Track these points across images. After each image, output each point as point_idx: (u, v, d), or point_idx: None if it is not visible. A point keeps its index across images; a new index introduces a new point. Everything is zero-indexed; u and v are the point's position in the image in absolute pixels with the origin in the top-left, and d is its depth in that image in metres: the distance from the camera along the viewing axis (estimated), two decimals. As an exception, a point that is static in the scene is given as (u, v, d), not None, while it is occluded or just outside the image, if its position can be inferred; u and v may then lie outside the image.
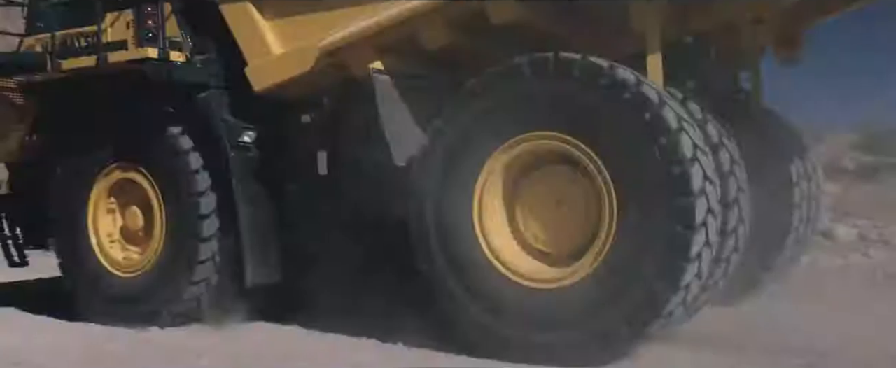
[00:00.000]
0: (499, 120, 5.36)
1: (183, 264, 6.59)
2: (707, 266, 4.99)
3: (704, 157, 4.93)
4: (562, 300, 5.17)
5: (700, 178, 4.84)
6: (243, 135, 6.55)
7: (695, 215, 4.79)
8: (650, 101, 4.91)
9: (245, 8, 6.49)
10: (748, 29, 5.95)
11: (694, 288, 4.99)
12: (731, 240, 5.38)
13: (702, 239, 4.85)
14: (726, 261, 5.43)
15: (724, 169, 5.32)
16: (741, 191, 5.47)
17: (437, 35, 5.76)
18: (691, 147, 4.86)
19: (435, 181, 5.54)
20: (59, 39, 6.91)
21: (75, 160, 7.14)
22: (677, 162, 4.81)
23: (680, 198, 4.79)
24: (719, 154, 5.36)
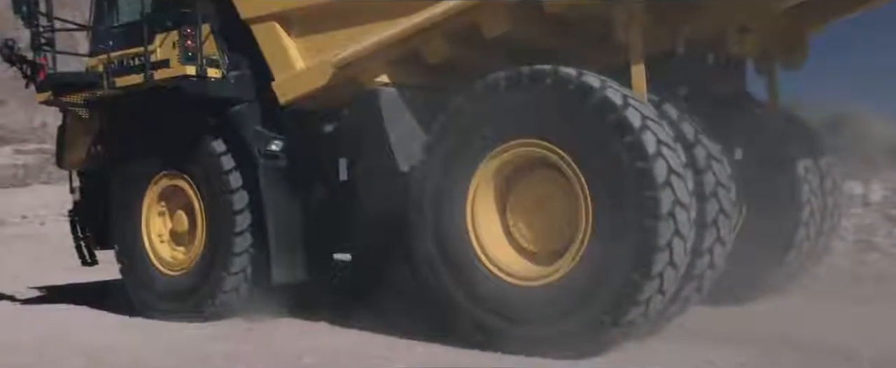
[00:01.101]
0: (484, 129, 5.72)
1: (221, 259, 7.18)
2: (681, 255, 5.20)
3: (670, 152, 5.17)
4: (548, 295, 5.48)
5: (664, 172, 5.08)
6: (271, 144, 7.10)
7: (660, 206, 5.04)
8: (614, 104, 5.20)
9: (272, 27, 7.04)
10: (738, 37, 6.09)
11: (669, 277, 5.20)
12: (712, 232, 5.56)
13: (670, 228, 5.08)
14: (709, 253, 5.61)
15: (699, 165, 5.53)
16: (721, 186, 5.64)
17: (437, 49, 6.17)
18: (655, 143, 5.11)
19: (432, 187, 5.93)
20: (114, 60, 7.63)
21: (130, 168, 7.86)
22: (642, 158, 5.08)
23: (646, 191, 5.06)
24: (694, 150, 5.55)
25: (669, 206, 5.08)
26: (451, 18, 6.00)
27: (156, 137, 7.64)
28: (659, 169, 5.07)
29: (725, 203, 5.68)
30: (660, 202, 5.04)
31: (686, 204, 5.20)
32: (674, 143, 5.29)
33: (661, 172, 5.07)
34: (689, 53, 6.34)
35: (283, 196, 7.09)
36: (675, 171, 5.15)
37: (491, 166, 5.77)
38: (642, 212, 5.07)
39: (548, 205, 5.71)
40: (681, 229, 5.15)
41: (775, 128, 7.23)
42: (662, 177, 5.07)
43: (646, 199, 5.06)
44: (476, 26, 5.97)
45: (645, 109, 5.31)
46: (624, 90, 5.39)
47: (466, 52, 6.17)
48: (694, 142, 5.60)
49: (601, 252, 5.25)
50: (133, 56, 7.54)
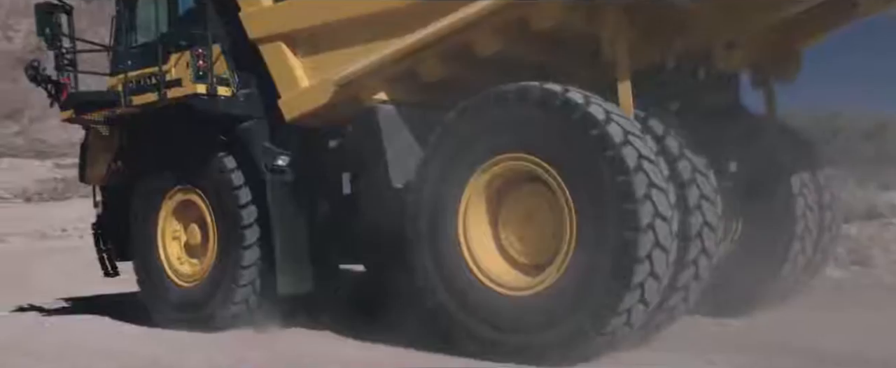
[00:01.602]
0: (476, 144, 5.92)
1: (231, 271, 7.45)
2: (662, 267, 5.35)
3: (651, 167, 5.33)
4: (536, 305, 5.66)
5: (644, 185, 5.25)
6: (278, 159, 7.37)
7: (640, 218, 5.20)
8: (597, 119, 5.38)
9: (279, 47, 7.32)
10: (725, 52, 6.22)
11: (650, 288, 5.35)
12: (696, 244, 5.70)
13: (650, 240, 5.24)
14: (694, 264, 5.74)
15: (683, 178, 5.68)
16: (705, 200, 5.78)
17: (432, 67, 6.40)
18: (635, 157, 5.28)
19: (427, 200, 6.14)
20: (131, 79, 7.96)
21: (147, 183, 8.17)
22: (622, 172, 5.25)
23: (626, 204, 5.23)
24: (678, 164, 5.70)
25: (650, 219, 5.23)
26: (444, 38, 6.21)
27: (170, 153, 7.95)
28: (640, 182, 5.23)
29: (710, 215, 5.81)
30: (639, 214, 5.20)
31: (667, 217, 5.34)
32: (656, 157, 5.44)
33: (641, 186, 5.23)
34: (679, 68, 6.50)
35: (289, 209, 7.34)
36: (656, 185, 5.31)
37: (482, 180, 5.97)
38: (623, 224, 5.24)
39: (536, 218, 5.89)
40: (661, 241, 5.30)
41: (771, 140, 7.32)
42: (642, 191, 5.23)
43: (626, 212, 5.23)
44: (468, 45, 6.18)
45: (627, 124, 5.48)
46: (607, 105, 5.56)
47: (461, 70, 6.37)
48: (679, 155, 5.74)
49: (584, 263, 5.42)
50: (149, 75, 7.86)
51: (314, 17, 7.11)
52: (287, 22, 7.29)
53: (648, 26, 6.01)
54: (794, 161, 7.37)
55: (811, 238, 7.35)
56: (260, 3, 7.48)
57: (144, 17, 8.27)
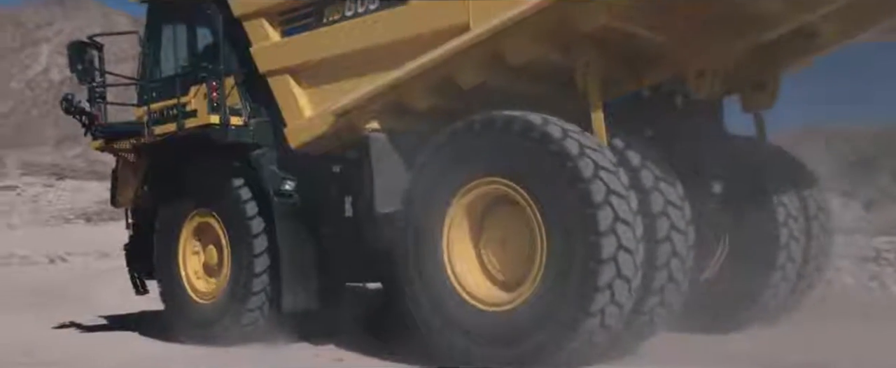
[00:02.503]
0: (458, 168, 6.32)
1: (241, 289, 7.94)
2: (629, 268, 5.69)
3: (608, 175, 5.70)
4: (514, 318, 6.04)
5: (603, 192, 5.63)
6: (285, 184, 7.84)
7: (602, 252, 5.56)
8: (555, 138, 5.79)
9: (286, 79, 7.82)
10: (697, 81, 6.50)
11: (620, 289, 5.68)
12: (665, 248, 6.01)
13: (613, 243, 5.60)
14: (666, 267, 6.05)
15: (646, 186, 6.03)
16: (676, 231, 6.07)
17: (420, 98, 6.83)
18: (592, 167, 5.67)
19: (413, 222, 6.54)
20: (154, 110, 8.55)
21: (169, 207, 8.73)
22: (581, 180, 5.66)
23: (587, 210, 5.61)
24: (640, 174, 6.04)
25: (612, 251, 5.59)
26: (429, 71, 6.63)
27: (189, 179, 8.50)
28: (597, 190, 5.61)
29: (680, 246, 6.10)
30: (599, 219, 5.58)
31: (629, 222, 5.68)
32: (614, 168, 5.81)
33: (599, 193, 5.61)
34: (656, 96, 6.82)
35: (294, 231, 7.80)
36: (615, 191, 5.67)
37: (463, 202, 6.35)
38: (586, 231, 5.62)
39: (513, 237, 6.24)
40: (625, 244, 5.64)
41: (755, 160, 7.57)
42: (601, 198, 5.61)
43: (587, 217, 5.61)
44: (451, 78, 6.58)
45: (585, 140, 5.85)
46: (568, 126, 5.94)
47: (447, 100, 6.78)
48: (640, 166, 6.09)
49: (556, 273, 5.77)
50: (169, 107, 8.44)
51: (315, 52, 7.59)
52: (292, 56, 7.78)
53: (620, 58, 6.35)
54: (776, 176, 7.57)
55: (798, 246, 7.51)
56: (269, 39, 7.98)
57: (166, 53, 8.86)
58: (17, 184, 48.26)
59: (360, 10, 7.32)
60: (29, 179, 48.11)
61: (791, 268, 7.48)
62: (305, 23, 7.74)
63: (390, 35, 7.00)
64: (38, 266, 22.78)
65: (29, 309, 12.20)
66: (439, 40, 6.55)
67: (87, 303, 13.28)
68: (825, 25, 6.46)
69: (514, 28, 6.10)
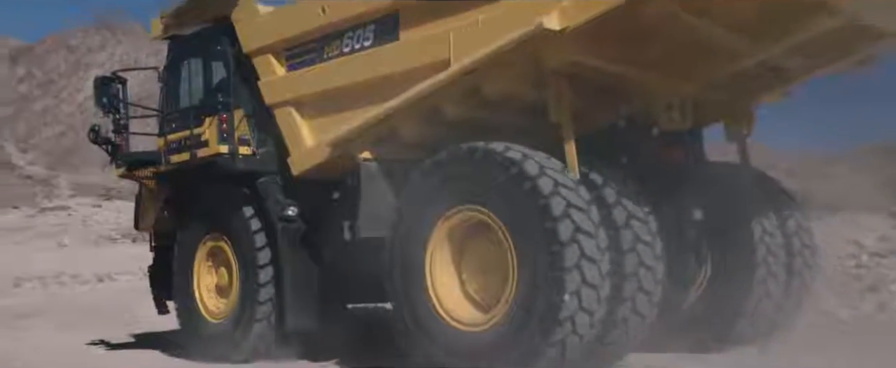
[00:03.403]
0: (438, 197, 6.74)
1: (249, 309, 8.43)
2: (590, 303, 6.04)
3: (579, 214, 6.05)
4: (487, 338, 6.43)
5: (570, 230, 5.97)
6: (288, 209, 8.32)
7: (564, 261, 5.93)
8: (531, 174, 6.17)
9: (289, 111, 8.33)
10: (666, 113, 6.85)
11: (580, 322, 6.05)
12: (632, 283, 6.35)
13: (577, 279, 5.95)
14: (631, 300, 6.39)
15: (618, 223, 6.39)
16: (642, 243, 6.42)
17: (409, 129, 7.28)
18: (563, 206, 6.02)
19: (399, 248, 6.97)
20: (171, 140, 9.13)
21: (185, 231, 9.28)
22: (551, 219, 5.99)
23: (554, 247, 5.97)
24: (613, 211, 6.40)
25: (575, 260, 5.96)
26: (416, 104, 7.07)
27: (202, 205, 9.04)
28: (565, 229, 5.97)
29: (647, 260, 6.43)
30: (564, 258, 5.95)
31: (596, 259, 6.04)
32: (586, 205, 6.17)
33: (566, 232, 5.98)
34: (632, 127, 7.17)
35: (297, 255, 8.28)
36: (582, 230, 6.02)
37: (445, 228, 6.77)
38: (550, 268, 6.00)
39: (489, 261, 6.63)
40: (589, 279, 5.99)
41: (736, 185, 7.85)
42: (568, 236, 5.97)
43: (554, 254, 5.99)
44: (436, 110, 7.02)
45: (558, 177, 6.21)
46: (542, 160, 6.31)
47: (433, 131, 7.20)
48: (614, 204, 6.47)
49: (523, 301, 6.14)
50: (185, 137, 8.99)
51: (316, 85, 8.10)
52: (295, 89, 8.30)
53: (591, 92, 6.73)
54: (757, 199, 7.85)
55: (777, 261, 7.77)
56: (275, 74, 8.51)
57: (183, 87, 9.43)
58: (68, 204, 49.79)
59: (355, 46, 7.81)
60: (79, 200, 49.54)
61: (773, 285, 7.72)
62: (308, 58, 8.26)
63: (382, 70, 7.48)
64: (88, 284, 23.57)
65: (71, 326, 12.87)
66: (425, 75, 6.99)
67: (126, 321, 13.89)
68: (790, 60, 6.77)
69: (489, 64, 6.51)
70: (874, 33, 6.52)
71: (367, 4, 7.64)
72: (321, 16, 8.00)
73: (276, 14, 8.60)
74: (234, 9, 8.81)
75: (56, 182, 51.48)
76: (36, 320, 14.28)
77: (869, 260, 11.16)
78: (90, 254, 32.28)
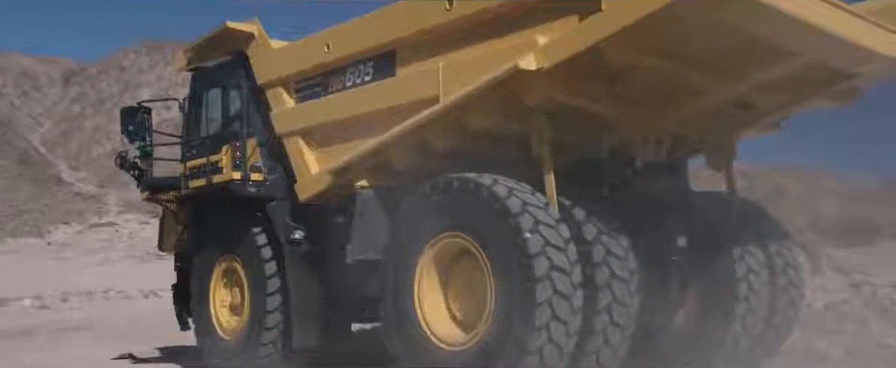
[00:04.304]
0: (424, 225, 7.19)
1: (258, 327, 8.96)
2: (561, 330, 6.41)
3: (548, 230, 6.42)
4: (467, 356, 6.84)
5: (540, 244, 6.35)
6: (295, 233, 8.84)
7: (536, 295, 6.32)
8: (498, 196, 6.57)
9: (297, 140, 8.88)
10: (642, 146, 7.22)
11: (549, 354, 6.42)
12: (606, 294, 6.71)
13: (547, 312, 6.33)
14: (602, 333, 6.75)
15: (588, 238, 6.76)
16: (616, 278, 6.78)
17: (400, 159, 7.75)
18: (532, 222, 6.40)
19: (391, 269, 7.43)
20: (190, 167, 9.73)
21: (203, 252, 9.86)
22: (519, 233, 6.39)
23: (524, 260, 6.35)
24: (583, 229, 6.77)
25: (545, 271, 6.32)
26: (408, 136, 7.54)
27: (218, 228, 9.61)
28: (534, 243, 6.35)
29: (619, 291, 6.79)
30: (535, 268, 6.32)
31: (566, 270, 6.41)
32: (555, 223, 6.55)
33: (536, 245, 6.36)
34: (614, 158, 7.54)
35: (303, 276, 8.79)
36: (552, 244, 6.40)
37: (431, 253, 7.21)
38: (524, 292, 6.39)
39: (472, 284, 7.04)
40: (560, 289, 6.36)
41: (721, 214, 8.16)
42: (537, 250, 6.35)
43: (524, 267, 6.37)
44: (426, 142, 7.48)
45: (527, 198, 6.60)
46: (515, 186, 6.71)
47: (425, 161, 7.66)
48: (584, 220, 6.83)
49: (500, 322, 6.54)
50: (203, 163, 9.59)
51: (321, 117, 8.64)
52: (303, 120, 8.85)
53: (570, 126, 7.13)
54: (743, 231, 8.14)
55: (759, 300, 8.01)
56: (285, 105, 9.07)
57: (203, 116, 10.05)
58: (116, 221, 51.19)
59: (357, 81, 8.34)
60: (127, 216, 50.79)
61: (752, 320, 7.97)
62: (314, 91, 8.81)
63: (380, 104, 7.98)
64: (133, 300, 24.40)
65: (113, 340, 13.46)
66: (417, 109, 7.46)
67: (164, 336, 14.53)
68: (761, 97, 7.11)
69: (473, 100, 6.96)
70: (841, 72, 6.82)
71: (367, 42, 8.16)
72: (326, 52, 8.54)
73: (287, 49, 9.18)
74: (249, 44, 9.42)
75: (105, 199, 52.91)
76: (80, 334, 15.12)
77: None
78: (136, 270, 33.32)
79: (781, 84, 6.91)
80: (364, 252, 7.67)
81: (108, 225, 51.80)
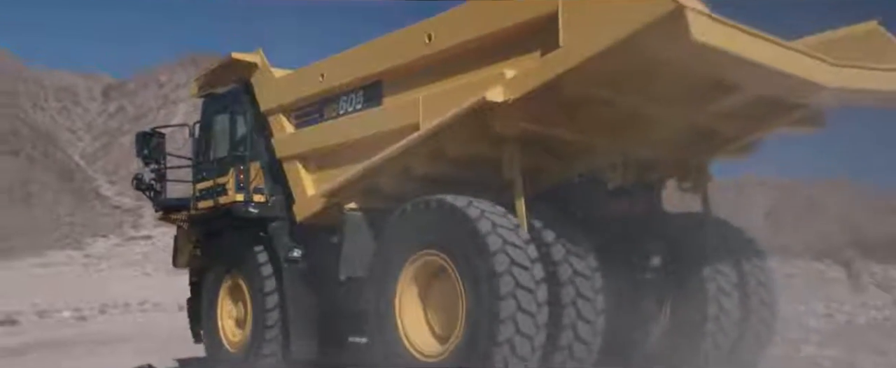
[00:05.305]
0: (404, 244, 7.69)
1: (258, 340, 9.53)
2: (525, 345, 6.83)
3: (514, 250, 6.83)
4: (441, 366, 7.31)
5: (506, 263, 6.77)
6: (293, 251, 9.41)
7: (501, 288, 6.76)
8: (469, 217, 7.03)
9: (295, 164, 9.46)
10: (611, 172, 7.66)
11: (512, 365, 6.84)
12: (568, 333, 7.14)
13: (510, 328, 6.76)
14: (568, 349, 7.20)
15: (555, 258, 7.17)
16: (581, 297, 7.22)
17: (385, 183, 8.28)
18: (500, 242, 6.82)
19: (374, 285, 7.94)
20: (199, 189, 10.35)
21: (212, 269, 10.47)
22: (488, 253, 6.78)
23: (492, 279, 6.78)
24: (550, 249, 7.20)
25: (510, 288, 6.74)
26: (391, 161, 8.06)
27: (224, 246, 10.21)
28: (500, 261, 6.78)
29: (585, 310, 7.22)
30: (500, 286, 6.75)
31: (530, 289, 6.81)
32: (523, 244, 6.96)
33: (502, 263, 6.79)
34: (586, 182, 8.00)
35: (300, 291, 9.35)
36: (517, 263, 6.81)
37: (411, 271, 7.71)
38: (491, 306, 6.81)
39: (447, 299, 7.50)
40: (524, 307, 6.78)
41: (695, 235, 8.56)
42: (503, 268, 6.78)
43: (492, 285, 6.80)
44: (408, 168, 8.00)
45: (497, 219, 7.02)
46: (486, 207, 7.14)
47: (408, 185, 8.17)
48: (552, 242, 7.25)
49: (471, 334, 7.00)
50: (210, 186, 10.21)
51: (317, 142, 9.23)
52: (300, 145, 9.43)
53: (542, 153, 7.60)
54: (716, 251, 8.52)
55: (729, 319, 8.36)
56: (285, 131, 9.66)
57: (211, 140, 10.68)
58: (152, 233, 52.39)
59: (349, 109, 8.90)
60: (163, 229, 51.83)
61: (722, 339, 8.30)
62: (312, 118, 9.39)
63: (368, 131, 8.53)
64: (168, 312, 25.16)
65: (146, 351, 14.16)
66: (400, 136, 7.98)
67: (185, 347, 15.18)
68: (720, 124, 7.53)
69: (448, 129, 7.46)
70: (788, 102, 7.22)
71: (357, 73, 8.72)
72: (321, 81, 9.12)
73: (287, 78, 9.78)
74: (253, 73, 10.04)
75: (142, 212, 54.17)
76: (117, 346, 15.86)
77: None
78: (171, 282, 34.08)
79: (738, 112, 7.32)
80: (354, 270, 8.19)
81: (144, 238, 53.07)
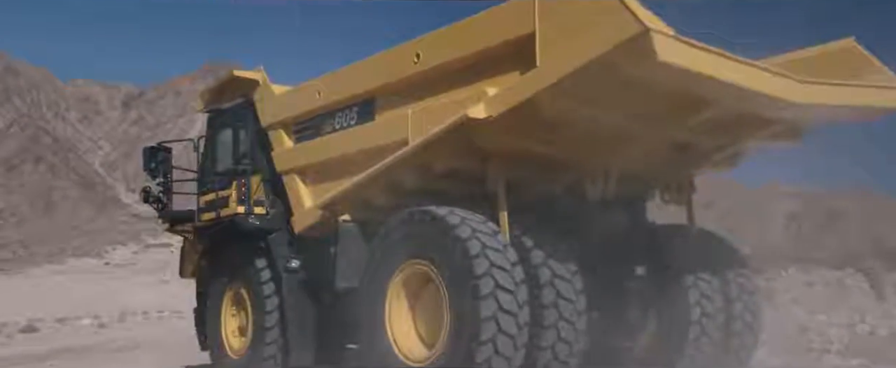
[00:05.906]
0: (392, 254, 8.00)
1: (258, 348, 9.86)
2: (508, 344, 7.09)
3: (494, 254, 7.11)
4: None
5: (486, 265, 7.05)
6: (291, 262, 9.74)
7: (481, 289, 7.03)
8: (451, 225, 7.32)
9: (294, 177, 9.82)
10: (592, 186, 7.94)
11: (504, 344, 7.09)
12: (551, 333, 7.41)
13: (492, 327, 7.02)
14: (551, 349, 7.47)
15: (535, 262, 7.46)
16: (563, 299, 7.49)
17: (376, 196, 8.60)
18: (479, 247, 7.11)
19: (365, 294, 8.25)
20: (203, 201, 10.72)
21: (215, 279, 10.83)
22: (468, 257, 7.09)
23: (472, 281, 7.06)
24: (539, 270, 7.48)
25: (490, 289, 7.02)
26: (382, 175, 8.38)
27: (227, 257, 10.57)
28: (479, 265, 7.06)
29: (566, 313, 7.50)
30: (480, 287, 7.03)
31: (511, 290, 7.07)
32: (503, 248, 7.23)
33: (481, 266, 7.07)
34: (570, 194, 8.27)
35: (299, 301, 9.69)
36: (496, 265, 7.09)
37: (399, 280, 8.01)
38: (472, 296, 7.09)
39: (433, 306, 7.79)
40: (505, 307, 7.03)
41: (679, 244, 8.82)
42: (482, 270, 7.05)
43: (473, 286, 7.07)
44: (397, 181, 8.32)
45: (479, 227, 7.32)
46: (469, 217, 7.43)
47: (398, 198, 8.48)
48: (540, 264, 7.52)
49: (455, 339, 7.29)
50: (213, 198, 10.57)
51: (314, 157, 9.58)
52: (299, 159, 9.79)
53: (525, 167, 7.88)
54: (700, 260, 8.77)
55: (713, 323, 8.61)
56: (285, 145, 10.01)
57: (215, 154, 11.05)
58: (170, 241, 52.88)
59: (344, 124, 9.25)
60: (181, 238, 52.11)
61: (705, 343, 8.57)
62: (309, 133, 9.75)
63: (361, 145, 8.86)
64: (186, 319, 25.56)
65: (162, 359, 14.66)
66: (391, 151, 8.30)
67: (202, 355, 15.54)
68: (697, 139, 7.79)
69: (433, 144, 7.77)
70: (761, 118, 7.47)
71: (352, 90, 9.07)
72: (318, 98, 9.47)
73: (286, 95, 10.14)
74: (255, 90, 10.41)
75: (161, 220, 54.65)
76: (135, 353, 16.29)
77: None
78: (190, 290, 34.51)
79: (715, 127, 7.57)
80: (348, 280, 8.51)
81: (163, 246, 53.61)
